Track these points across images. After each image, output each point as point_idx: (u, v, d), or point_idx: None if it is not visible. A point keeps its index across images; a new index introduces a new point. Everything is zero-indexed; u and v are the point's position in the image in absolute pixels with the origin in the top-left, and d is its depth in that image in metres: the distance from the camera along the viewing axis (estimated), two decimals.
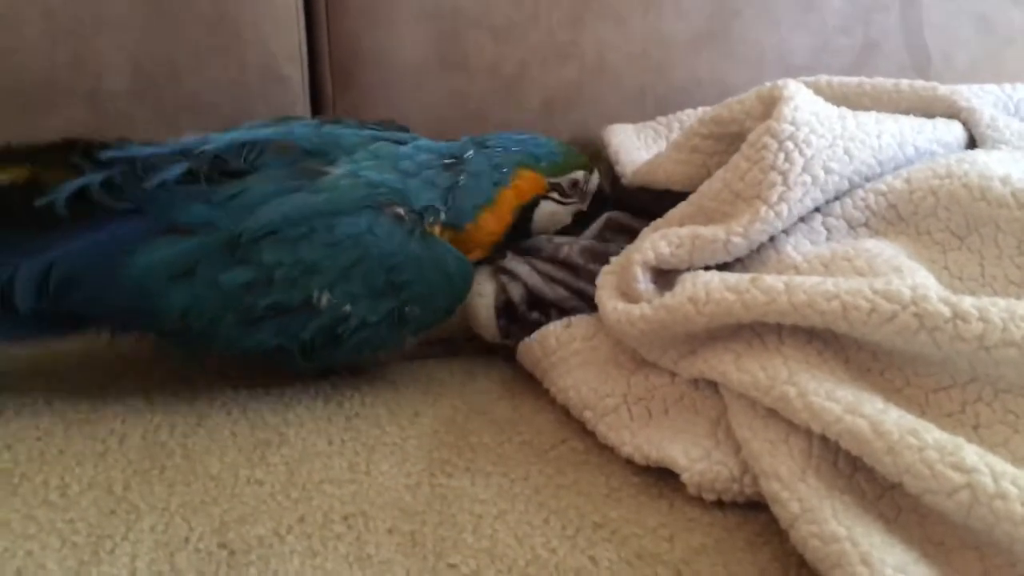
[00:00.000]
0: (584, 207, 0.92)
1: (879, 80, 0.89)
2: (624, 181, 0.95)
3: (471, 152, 0.86)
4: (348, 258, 0.75)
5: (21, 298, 0.70)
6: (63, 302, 0.71)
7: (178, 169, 0.74)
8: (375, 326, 0.77)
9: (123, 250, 0.71)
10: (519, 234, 0.88)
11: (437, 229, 0.81)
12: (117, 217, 0.72)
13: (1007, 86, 0.93)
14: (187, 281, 0.72)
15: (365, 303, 0.76)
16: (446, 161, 0.84)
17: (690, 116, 1.08)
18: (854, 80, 0.89)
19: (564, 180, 0.89)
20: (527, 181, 0.87)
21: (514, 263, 0.85)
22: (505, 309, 0.85)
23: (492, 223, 0.85)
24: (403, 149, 0.84)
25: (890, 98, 0.86)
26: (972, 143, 0.83)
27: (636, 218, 0.88)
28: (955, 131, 0.82)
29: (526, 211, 0.88)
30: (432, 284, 0.79)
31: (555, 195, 0.89)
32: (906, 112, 0.83)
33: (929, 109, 0.85)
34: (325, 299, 0.75)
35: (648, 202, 0.87)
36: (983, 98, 0.88)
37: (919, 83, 0.87)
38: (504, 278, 0.85)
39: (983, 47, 1.23)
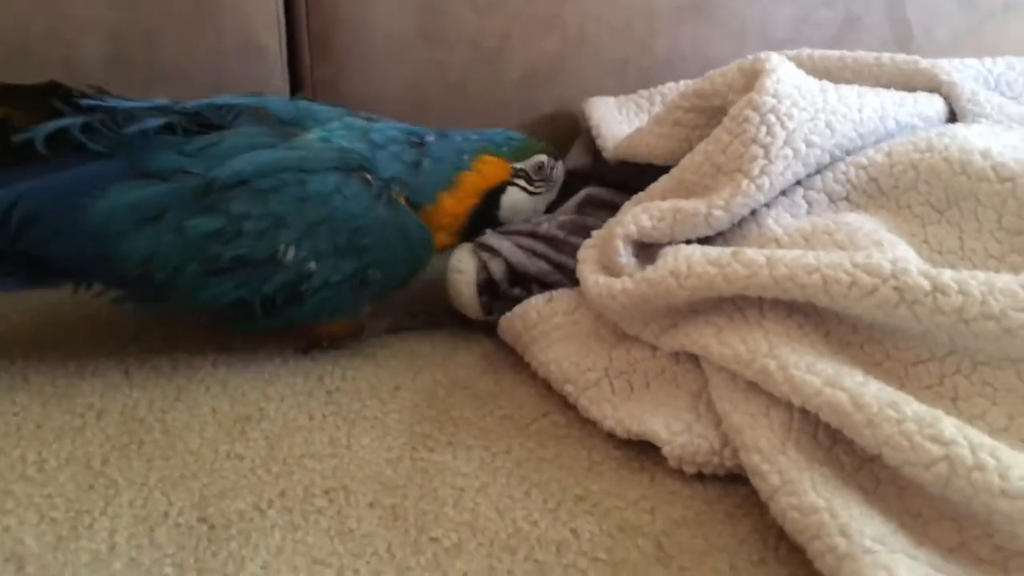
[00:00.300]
0: (553, 196, 0.93)
1: (861, 54, 0.88)
2: (606, 155, 0.94)
3: (433, 137, 0.86)
4: (316, 215, 0.76)
5: None
6: (24, 239, 0.70)
7: (157, 120, 0.74)
8: (337, 286, 0.78)
9: (91, 191, 0.71)
10: (487, 221, 0.89)
11: (402, 200, 0.82)
12: (88, 159, 0.72)
13: (987, 60, 0.93)
14: (153, 226, 0.72)
15: (329, 262, 0.77)
16: (412, 139, 0.85)
17: (672, 89, 1.08)
18: (836, 54, 0.88)
19: (528, 164, 0.90)
20: (490, 165, 0.88)
21: (494, 239, 0.85)
22: (487, 286, 0.84)
23: (452, 205, 0.85)
24: (373, 124, 0.85)
25: (871, 72, 0.86)
26: (953, 117, 0.83)
27: (617, 193, 0.88)
28: (936, 105, 0.82)
29: (492, 196, 0.88)
30: (394, 249, 0.80)
31: (521, 182, 0.90)
32: (887, 86, 0.83)
33: (910, 83, 0.85)
34: (291, 254, 0.75)
35: (630, 176, 0.87)
36: (964, 72, 0.88)
37: (900, 57, 0.87)
38: (485, 255, 0.84)
39: (964, 21, 1.23)
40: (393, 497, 0.64)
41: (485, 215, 0.88)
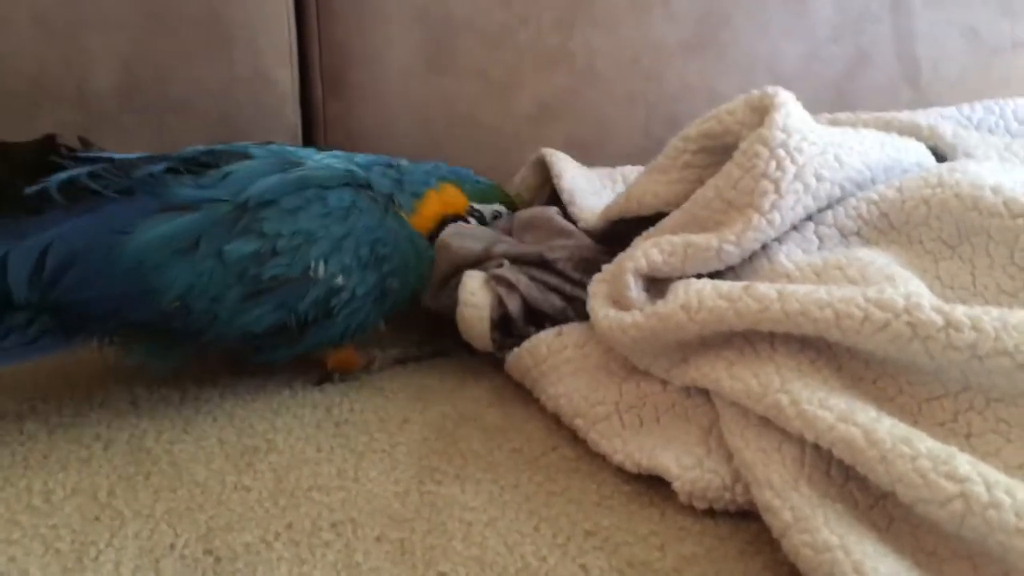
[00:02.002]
0: None
1: (840, 114, 0.92)
2: (584, 225, 0.90)
3: (405, 162, 0.90)
4: (340, 229, 0.78)
5: (15, 282, 0.67)
6: (57, 287, 0.69)
7: (161, 165, 0.75)
8: (362, 299, 0.80)
9: (120, 229, 0.71)
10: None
11: (402, 214, 0.85)
12: (109, 201, 0.71)
13: (965, 107, 0.96)
14: (189, 256, 0.72)
15: (355, 275, 0.79)
16: (388, 164, 0.88)
17: (631, 172, 1.05)
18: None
19: (487, 209, 0.94)
20: (451, 195, 0.91)
21: (512, 273, 0.84)
22: (500, 322, 0.83)
23: (420, 221, 0.87)
24: (352, 154, 0.88)
25: (853, 126, 0.88)
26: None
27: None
28: (922, 147, 0.82)
29: (445, 225, 0.90)
30: (407, 258, 0.83)
31: (474, 221, 0.93)
32: None
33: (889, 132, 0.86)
34: (322, 269, 0.77)
35: (623, 234, 0.84)
36: (943, 119, 0.91)
37: (879, 113, 0.90)
38: (502, 290, 0.83)
39: (973, 57, 1.24)
40: (401, 531, 0.63)
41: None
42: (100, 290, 0.71)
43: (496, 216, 0.94)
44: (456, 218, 0.91)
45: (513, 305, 0.83)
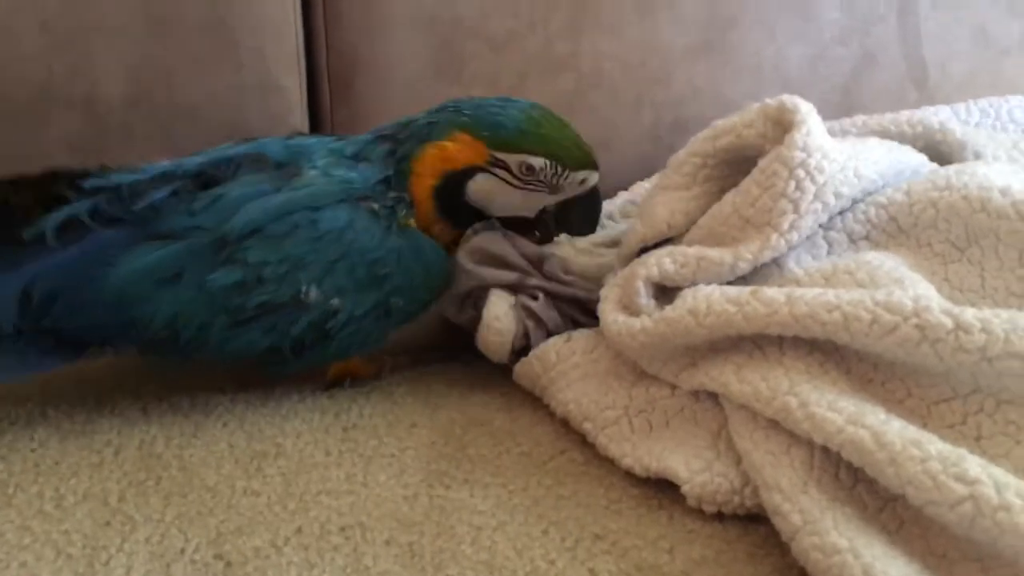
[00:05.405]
0: (553, 202, 0.83)
1: (853, 118, 0.91)
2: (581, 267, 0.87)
3: (404, 119, 0.83)
4: (332, 252, 0.76)
5: (3, 315, 0.70)
6: (46, 318, 0.71)
7: (164, 192, 0.74)
8: (361, 319, 0.78)
9: (105, 260, 0.71)
10: (457, 209, 0.82)
11: (412, 221, 0.80)
12: (97, 231, 0.72)
13: (960, 107, 0.97)
14: (173, 287, 0.72)
15: (351, 296, 0.77)
16: (381, 137, 0.82)
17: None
18: None
19: (513, 159, 0.79)
20: (460, 145, 0.79)
21: (543, 309, 0.82)
22: (522, 349, 0.82)
23: (417, 188, 0.81)
24: (346, 138, 0.84)
25: (860, 130, 0.87)
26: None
27: None
28: (920, 155, 0.82)
29: (456, 180, 0.80)
30: (413, 275, 0.79)
31: (501, 172, 0.80)
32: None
33: (901, 132, 0.86)
34: (313, 293, 0.75)
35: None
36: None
37: (885, 115, 0.89)
38: (530, 323, 0.82)
39: (981, 58, 1.23)
40: (410, 535, 0.63)
41: (453, 200, 0.81)
42: (88, 320, 0.72)
43: (526, 168, 0.79)
44: (468, 171, 0.80)
45: (537, 339, 0.82)
